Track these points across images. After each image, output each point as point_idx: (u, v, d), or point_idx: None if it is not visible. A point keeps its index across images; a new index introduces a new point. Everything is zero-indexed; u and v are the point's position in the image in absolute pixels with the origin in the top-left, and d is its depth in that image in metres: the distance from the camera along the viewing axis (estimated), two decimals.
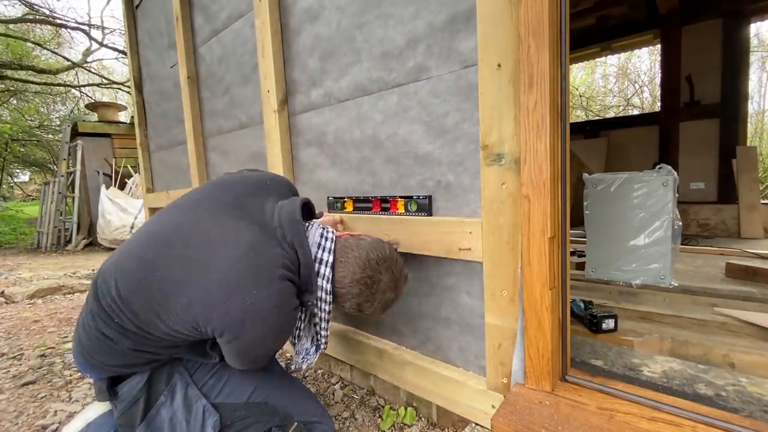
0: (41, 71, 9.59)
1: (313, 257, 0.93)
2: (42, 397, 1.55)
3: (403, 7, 1.14)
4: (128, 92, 10.02)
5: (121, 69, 13.39)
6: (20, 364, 1.84)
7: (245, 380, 0.97)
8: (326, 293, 0.94)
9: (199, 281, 0.80)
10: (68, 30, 10.27)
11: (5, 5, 9.99)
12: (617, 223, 1.68)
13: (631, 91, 10.49)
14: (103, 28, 10.18)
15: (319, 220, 1.29)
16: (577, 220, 2.16)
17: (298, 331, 1.11)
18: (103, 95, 13.43)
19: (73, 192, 6.19)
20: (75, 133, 6.24)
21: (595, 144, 4.72)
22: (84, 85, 11.18)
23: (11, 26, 9.23)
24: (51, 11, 9.29)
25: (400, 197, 1.23)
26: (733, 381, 1.00)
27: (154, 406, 0.89)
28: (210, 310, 0.78)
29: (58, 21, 9.46)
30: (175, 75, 2.37)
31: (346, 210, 1.41)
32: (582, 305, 1.41)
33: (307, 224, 0.99)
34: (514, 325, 0.97)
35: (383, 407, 1.36)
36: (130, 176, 6.37)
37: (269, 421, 0.94)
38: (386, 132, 1.25)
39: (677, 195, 1.59)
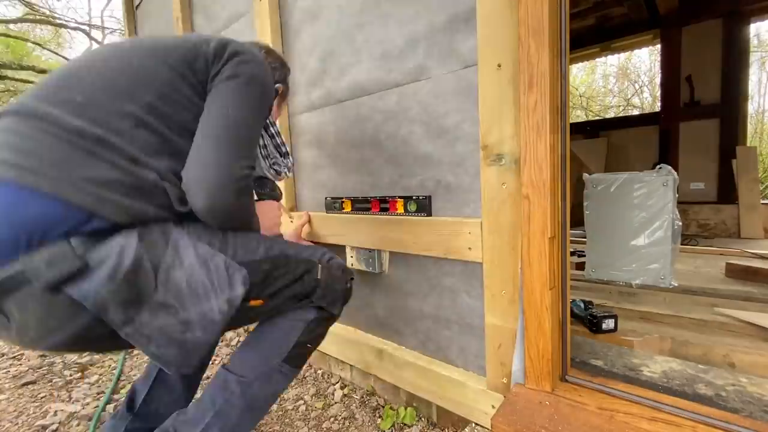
0: (42, 71, 9.58)
1: None
2: (42, 397, 1.55)
3: (403, 7, 1.14)
4: None
5: None
6: (20, 364, 1.84)
7: (251, 240, 0.84)
8: None
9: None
10: (68, 30, 10.28)
11: (5, 5, 10.01)
12: (617, 223, 1.68)
13: (631, 91, 10.49)
14: (103, 28, 10.19)
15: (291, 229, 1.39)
16: (577, 220, 2.16)
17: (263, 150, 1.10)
18: None
19: None
20: None
21: (595, 144, 4.72)
22: None
23: (11, 26, 9.24)
24: (51, 11, 9.30)
25: (400, 197, 1.23)
26: (733, 381, 1.00)
27: (161, 270, 0.66)
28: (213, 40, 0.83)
29: (58, 21, 9.47)
30: None
31: (344, 210, 1.41)
32: (582, 305, 1.41)
33: None
34: (514, 325, 0.97)
35: (383, 407, 1.36)
36: None
37: (296, 268, 0.86)
38: (386, 132, 1.25)
39: (677, 195, 1.59)
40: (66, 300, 0.59)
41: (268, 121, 1.02)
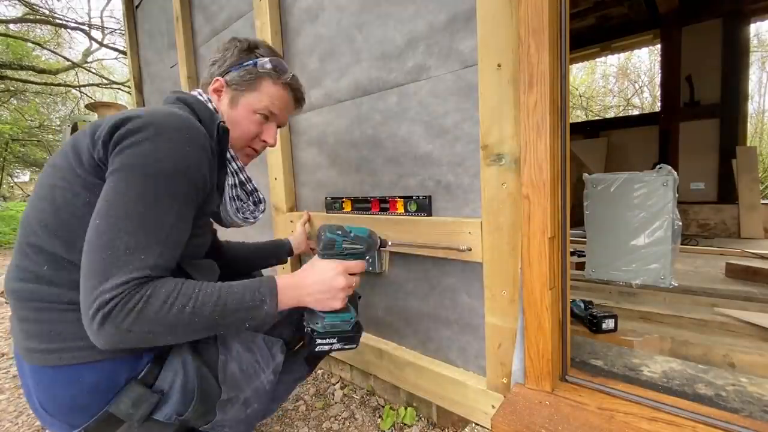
0: (41, 71, 9.59)
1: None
2: None
3: (403, 7, 1.14)
4: (128, 92, 10.02)
5: (121, 69, 13.38)
6: None
7: None
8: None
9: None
10: (68, 30, 10.28)
11: (5, 5, 9.99)
12: (617, 223, 1.68)
13: (631, 91, 10.50)
14: (103, 28, 10.17)
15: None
16: (577, 220, 2.16)
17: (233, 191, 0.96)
18: (103, 95, 13.42)
19: None
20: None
21: (595, 144, 4.73)
22: (84, 85, 11.17)
23: (11, 26, 9.23)
24: (51, 11, 9.28)
25: (400, 197, 1.23)
26: (733, 381, 1.00)
27: (219, 369, 0.77)
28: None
29: (58, 21, 9.46)
30: (176, 75, 2.37)
31: (344, 210, 1.41)
32: (582, 305, 1.41)
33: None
34: (514, 325, 0.97)
35: (383, 407, 1.36)
36: None
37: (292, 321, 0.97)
38: (386, 132, 1.25)
39: (677, 195, 1.59)
40: (157, 422, 0.72)
41: (229, 154, 0.89)
